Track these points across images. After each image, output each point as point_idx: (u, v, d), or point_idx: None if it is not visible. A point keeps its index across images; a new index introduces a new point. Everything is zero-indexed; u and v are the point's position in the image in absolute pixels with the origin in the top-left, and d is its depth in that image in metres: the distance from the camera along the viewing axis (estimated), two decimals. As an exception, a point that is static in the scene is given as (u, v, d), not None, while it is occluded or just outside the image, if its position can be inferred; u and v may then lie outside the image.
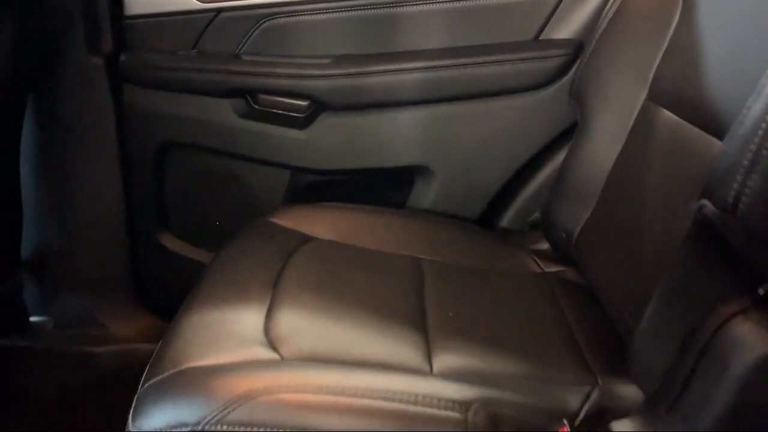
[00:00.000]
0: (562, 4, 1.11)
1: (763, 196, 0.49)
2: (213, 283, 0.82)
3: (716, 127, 0.67)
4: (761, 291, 0.54)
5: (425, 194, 1.17)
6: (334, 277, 0.85)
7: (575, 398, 0.65)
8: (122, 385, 1.24)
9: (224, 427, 0.57)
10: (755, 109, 0.51)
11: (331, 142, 1.16)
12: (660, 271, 0.64)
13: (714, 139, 0.68)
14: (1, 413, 1.21)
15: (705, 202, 0.55)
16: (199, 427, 0.57)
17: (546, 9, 1.12)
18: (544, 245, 1.03)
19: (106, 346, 1.23)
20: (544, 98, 1.11)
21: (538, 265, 0.98)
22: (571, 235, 0.94)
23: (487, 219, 1.18)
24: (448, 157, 1.15)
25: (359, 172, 1.19)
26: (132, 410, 0.63)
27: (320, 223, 1.01)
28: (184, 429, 0.58)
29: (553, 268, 0.97)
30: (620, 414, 0.63)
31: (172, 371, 0.64)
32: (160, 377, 0.64)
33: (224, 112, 1.15)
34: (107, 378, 1.23)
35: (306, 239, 0.95)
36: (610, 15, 1.00)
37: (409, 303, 0.80)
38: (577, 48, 1.08)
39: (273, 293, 0.78)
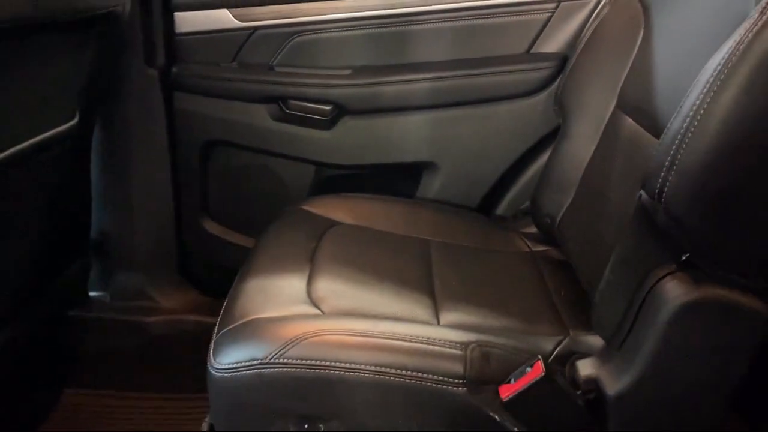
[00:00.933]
0: (549, 23, 1.29)
1: (680, 189, 0.67)
2: (262, 256, 1.01)
3: (659, 134, 0.86)
4: (683, 258, 0.72)
5: (431, 186, 1.36)
6: (358, 253, 1.04)
7: (549, 343, 0.84)
8: (169, 349, 1.44)
9: (284, 360, 0.76)
10: (675, 122, 0.69)
11: (351, 141, 1.35)
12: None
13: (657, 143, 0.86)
14: (66, 374, 1.40)
15: (642, 192, 0.74)
16: (266, 361, 0.76)
17: (536, 27, 1.30)
18: (532, 229, 1.22)
19: (155, 317, 1.41)
20: (533, 104, 1.29)
21: (527, 245, 1.17)
22: (554, 220, 1.13)
23: (484, 207, 1.36)
24: (451, 154, 1.34)
25: (375, 167, 1.37)
26: (211, 352, 0.82)
27: (343, 211, 1.20)
28: (254, 362, 0.77)
29: (539, 248, 1.16)
30: (584, 355, 0.82)
31: (240, 322, 0.83)
32: (231, 326, 0.83)
33: (260, 115, 1.33)
34: (156, 343, 1.41)
35: (333, 224, 1.14)
36: (587, 35, 1.18)
37: (420, 274, 0.99)
38: (561, 61, 1.27)
39: (311, 265, 0.97)
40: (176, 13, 1.29)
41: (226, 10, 1.29)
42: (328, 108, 1.32)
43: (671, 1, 0.97)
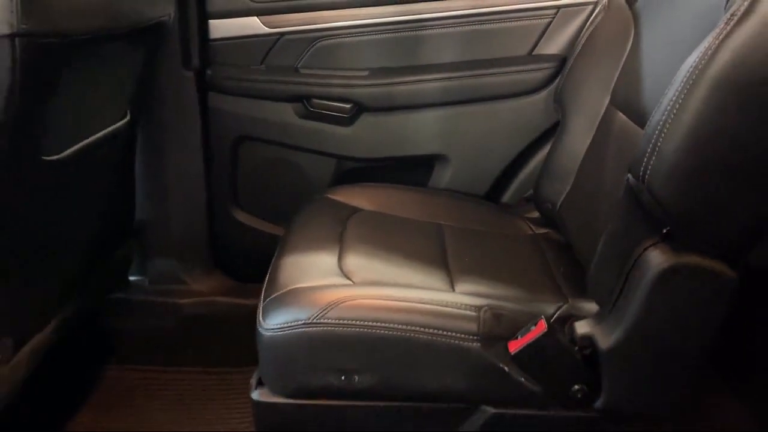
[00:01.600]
0: (550, 27, 1.42)
1: (659, 172, 0.80)
2: (295, 237, 1.14)
3: (644, 125, 0.98)
4: (664, 231, 0.85)
5: (443, 176, 1.49)
6: (380, 235, 1.16)
7: (551, 308, 0.97)
8: (201, 328, 1.57)
9: (324, 320, 0.89)
10: (656, 115, 0.82)
11: (369, 136, 1.47)
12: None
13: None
14: (110, 351, 1.53)
15: (629, 175, 0.86)
16: (308, 322, 0.89)
17: (538, 31, 1.43)
18: (535, 214, 1.35)
19: (188, 299, 1.53)
20: (535, 102, 1.42)
21: (531, 228, 1.30)
22: (555, 205, 1.25)
23: (491, 196, 1.49)
24: (460, 147, 1.46)
25: (391, 160, 1.50)
26: (260, 316, 0.95)
27: (364, 199, 1.32)
28: (298, 323, 0.90)
29: (542, 231, 1.29)
30: (580, 318, 0.95)
31: (283, 290, 0.96)
32: (275, 294, 0.96)
33: (286, 113, 1.46)
34: (190, 323, 1.54)
35: (355, 210, 1.27)
36: (584, 39, 1.31)
37: (435, 252, 1.12)
38: (561, 62, 1.39)
39: (340, 245, 1.10)
40: (210, 21, 1.41)
41: (255, 18, 1.42)
42: (348, 106, 1.45)
43: (657, 10, 1.10)
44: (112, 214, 1.33)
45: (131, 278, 1.57)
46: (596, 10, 1.34)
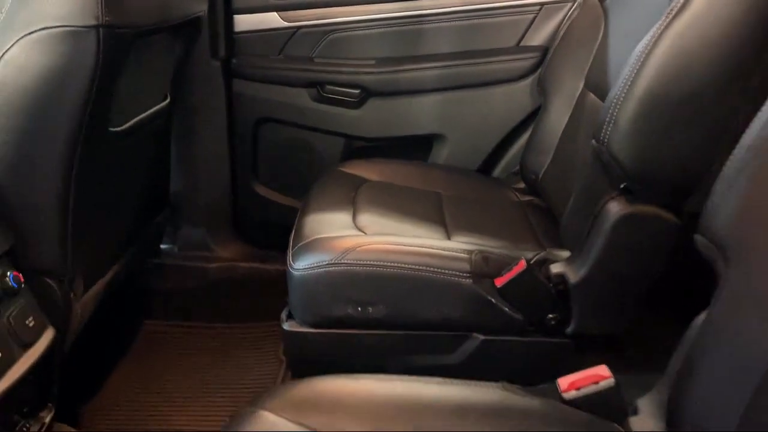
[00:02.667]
0: (534, 22, 1.61)
1: (616, 137, 0.99)
2: (315, 201, 1.33)
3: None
4: (621, 186, 1.04)
5: (441, 153, 1.68)
6: (387, 199, 1.35)
7: (530, 254, 1.16)
8: (226, 290, 1.76)
9: (344, 261, 1.08)
10: (613, 91, 1.01)
11: (375, 118, 1.66)
12: (579, 184, 1.15)
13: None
14: (145, 308, 1.72)
15: (593, 141, 1.06)
16: (331, 262, 1.08)
17: (524, 25, 1.62)
18: (522, 185, 1.54)
19: (214, 264, 1.73)
20: (522, 87, 1.61)
21: (517, 197, 1.49)
22: (538, 176, 1.45)
23: (483, 170, 1.68)
24: (456, 127, 1.66)
25: (395, 139, 1.69)
26: (290, 260, 1.14)
27: (371, 171, 1.51)
28: (323, 264, 1.09)
29: (526, 198, 1.48)
30: (555, 262, 1.14)
31: (308, 240, 1.15)
32: (302, 243, 1.15)
33: (301, 97, 1.65)
34: (214, 285, 1.73)
35: (364, 181, 1.46)
36: (562, 31, 1.50)
37: (434, 213, 1.31)
38: (543, 52, 1.59)
39: (353, 206, 1.29)
40: (236, 16, 1.60)
41: (275, 13, 1.61)
42: (356, 91, 1.64)
43: (622, 7, 1.30)
44: (153, 184, 1.53)
45: (163, 246, 1.77)
46: (573, 7, 1.53)
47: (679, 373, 0.70)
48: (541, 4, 1.59)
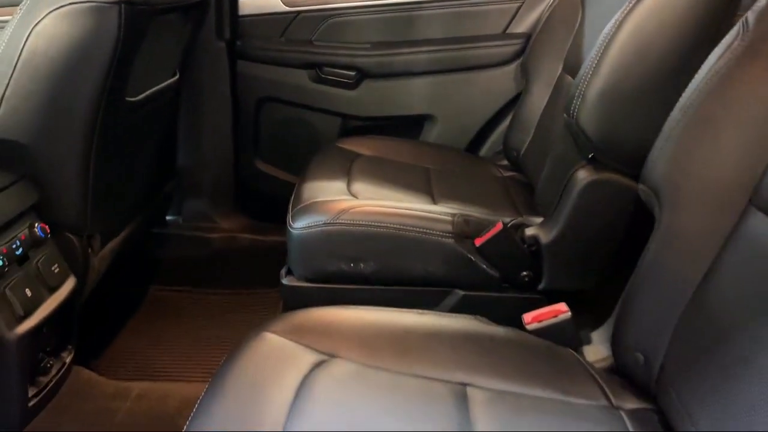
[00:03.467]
0: (520, 11, 1.73)
1: (585, 110, 1.10)
2: (313, 171, 1.44)
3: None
4: (589, 155, 1.16)
5: (431, 133, 1.80)
6: (379, 171, 1.47)
7: (508, 218, 1.27)
8: (227, 259, 1.88)
9: (339, 221, 1.19)
10: (582, 69, 1.12)
11: (370, 98, 1.78)
12: (553, 156, 1.27)
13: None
14: (151, 275, 1.83)
15: (565, 114, 1.17)
16: (327, 222, 1.20)
17: (510, 13, 1.73)
18: (505, 162, 1.66)
19: (216, 234, 1.84)
20: (507, 72, 1.73)
21: (500, 173, 1.61)
22: (519, 153, 1.56)
23: (471, 149, 1.80)
24: (445, 108, 1.77)
25: (388, 119, 1.81)
26: (289, 220, 1.25)
27: (365, 147, 1.62)
28: (319, 223, 1.20)
29: (508, 174, 1.60)
30: (530, 225, 1.26)
31: (306, 202, 1.27)
32: (301, 205, 1.26)
33: (301, 78, 1.77)
34: (218, 254, 1.84)
35: (358, 155, 1.57)
36: (543, 19, 1.62)
37: (422, 184, 1.42)
38: (527, 39, 1.70)
39: (347, 176, 1.40)
40: (240, 0, 1.71)
41: (277, -2, 1.73)
42: (353, 73, 1.76)
43: None
44: (162, 156, 1.64)
45: (169, 218, 1.88)
46: (555, -4, 1.65)
47: (621, 307, 0.81)
48: (526, -6, 1.71)
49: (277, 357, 0.78)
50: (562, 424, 0.70)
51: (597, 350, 0.85)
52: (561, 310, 0.87)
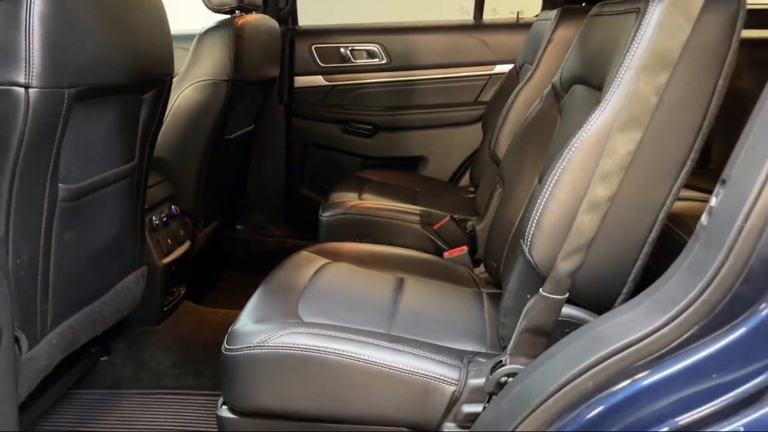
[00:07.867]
0: (486, 85, 2.48)
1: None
2: (339, 190, 2.18)
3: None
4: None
5: (424, 169, 2.53)
6: (386, 191, 2.19)
7: (456, 215, 1.98)
8: (279, 256, 2.61)
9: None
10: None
11: (382, 144, 2.54)
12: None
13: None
14: (224, 264, 2.57)
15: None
16: (344, 210, 1.93)
17: (479, 88, 2.49)
18: (471, 188, 2.37)
19: (270, 238, 2.60)
20: (476, 129, 2.46)
21: (466, 195, 2.32)
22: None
23: (451, 180, 2.53)
24: (434, 152, 2.52)
25: (394, 158, 2.56)
26: (321, 210, 1.98)
27: (376, 177, 2.37)
28: (339, 210, 1.93)
29: (471, 196, 2.30)
30: (471, 220, 1.96)
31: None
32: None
33: (335, 131, 2.55)
34: (271, 254, 2.56)
35: (368, 180, 2.31)
36: (495, 91, 2.37)
37: (410, 196, 2.15)
38: (490, 105, 2.44)
39: (359, 193, 2.14)
40: (296, 77, 2.53)
41: (320, 76, 2.54)
42: (370, 127, 2.54)
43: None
44: (239, 178, 2.43)
45: (238, 227, 2.65)
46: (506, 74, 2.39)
47: (486, 243, 1.52)
48: (490, 75, 2.48)
49: (305, 261, 1.50)
50: (452, 297, 1.39)
51: (480, 269, 1.53)
52: (462, 249, 1.58)
